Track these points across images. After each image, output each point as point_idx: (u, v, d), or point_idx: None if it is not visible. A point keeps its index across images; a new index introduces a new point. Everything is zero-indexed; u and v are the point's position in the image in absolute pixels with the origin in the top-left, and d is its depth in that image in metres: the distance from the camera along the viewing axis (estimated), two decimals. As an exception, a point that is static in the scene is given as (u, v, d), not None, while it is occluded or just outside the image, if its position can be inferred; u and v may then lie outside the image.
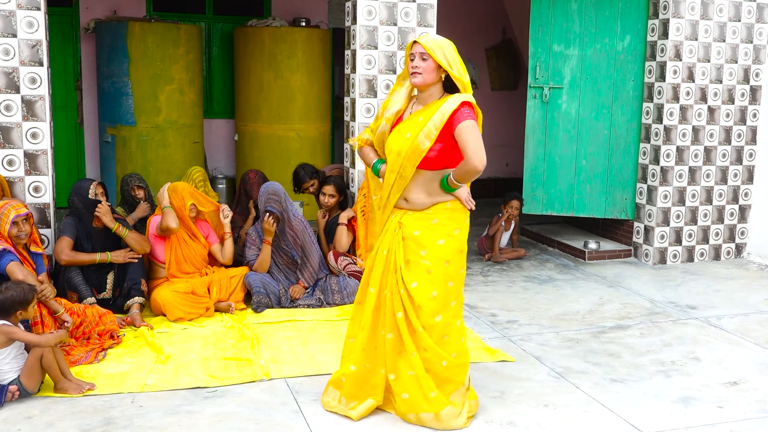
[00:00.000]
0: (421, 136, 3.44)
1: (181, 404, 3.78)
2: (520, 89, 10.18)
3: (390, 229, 3.60)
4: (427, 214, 3.54)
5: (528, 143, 6.99)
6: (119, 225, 5.08)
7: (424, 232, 3.53)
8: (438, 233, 3.53)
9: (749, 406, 3.92)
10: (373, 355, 3.62)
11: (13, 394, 3.70)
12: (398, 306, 3.53)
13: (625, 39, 6.83)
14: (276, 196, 5.37)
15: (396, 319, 3.54)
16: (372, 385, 3.65)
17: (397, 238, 3.56)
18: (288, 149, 8.08)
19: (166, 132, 7.88)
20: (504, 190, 8.27)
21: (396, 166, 3.52)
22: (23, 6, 4.88)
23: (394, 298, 3.54)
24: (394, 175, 3.54)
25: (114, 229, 5.05)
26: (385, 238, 3.60)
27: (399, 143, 3.52)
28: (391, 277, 3.55)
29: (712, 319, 5.33)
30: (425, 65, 3.47)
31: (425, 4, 5.67)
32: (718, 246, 7.08)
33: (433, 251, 3.51)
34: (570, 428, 3.63)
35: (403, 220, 3.56)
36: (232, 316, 5.13)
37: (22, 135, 4.97)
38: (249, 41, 8.15)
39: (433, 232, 3.53)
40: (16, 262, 4.23)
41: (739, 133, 6.98)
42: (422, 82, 3.49)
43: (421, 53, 3.48)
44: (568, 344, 4.77)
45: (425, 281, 3.51)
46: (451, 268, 3.54)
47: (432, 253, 3.51)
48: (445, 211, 3.54)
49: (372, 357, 3.62)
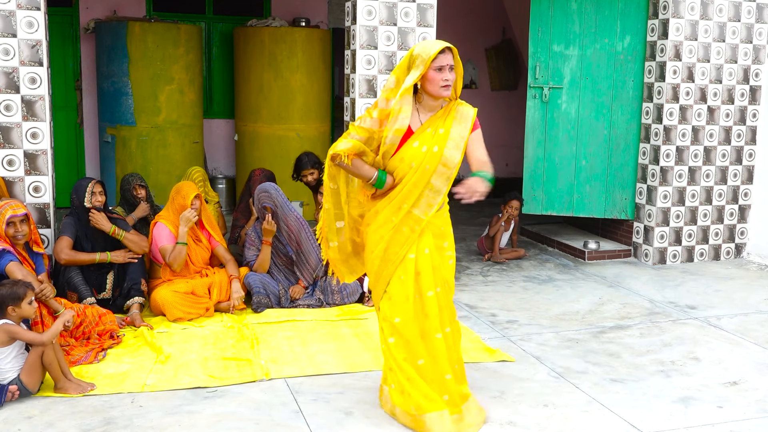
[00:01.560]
0: (451, 149, 3.46)
1: (181, 404, 3.78)
2: (520, 89, 10.19)
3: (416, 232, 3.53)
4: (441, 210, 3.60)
5: (528, 143, 6.99)
6: (115, 228, 5.07)
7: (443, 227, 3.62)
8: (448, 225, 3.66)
9: (749, 406, 3.92)
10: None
11: (13, 394, 3.71)
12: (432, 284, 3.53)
13: (624, 39, 6.83)
14: (266, 193, 5.38)
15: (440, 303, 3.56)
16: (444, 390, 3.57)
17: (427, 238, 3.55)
18: (288, 149, 8.08)
19: (166, 132, 7.88)
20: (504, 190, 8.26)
21: (420, 179, 3.45)
22: (23, 6, 4.88)
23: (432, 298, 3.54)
24: (417, 189, 3.47)
25: (111, 233, 5.05)
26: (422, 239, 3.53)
27: (419, 157, 3.45)
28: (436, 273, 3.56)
29: (712, 319, 5.33)
30: (453, 77, 3.43)
31: (425, 4, 5.67)
32: (717, 246, 7.08)
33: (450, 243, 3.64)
34: (570, 428, 3.63)
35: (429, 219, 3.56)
36: (232, 316, 5.13)
37: (22, 135, 4.98)
38: (249, 41, 8.15)
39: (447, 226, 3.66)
40: (16, 262, 4.23)
41: (738, 133, 6.98)
42: (450, 94, 3.47)
43: (452, 65, 3.41)
44: (568, 344, 4.77)
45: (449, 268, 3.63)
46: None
47: (450, 244, 3.64)
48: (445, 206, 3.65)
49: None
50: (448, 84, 3.40)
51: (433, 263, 3.54)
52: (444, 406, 3.50)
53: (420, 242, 3.53)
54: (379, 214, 3.55)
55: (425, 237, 3.54)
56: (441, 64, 3.37)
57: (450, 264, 3.64)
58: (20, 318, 3.82)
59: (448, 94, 3.44)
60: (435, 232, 3.57)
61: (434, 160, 3.44)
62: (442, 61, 3.37)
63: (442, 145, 3.44)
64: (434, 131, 3.48)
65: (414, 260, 3.51)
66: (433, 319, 3.53)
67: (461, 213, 9.27)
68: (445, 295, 3.59)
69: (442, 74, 3.38)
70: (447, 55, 3.39)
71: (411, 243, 3.52)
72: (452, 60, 3.40)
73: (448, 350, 3.59)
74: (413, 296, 3.51)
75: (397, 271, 3.52)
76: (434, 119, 3.50)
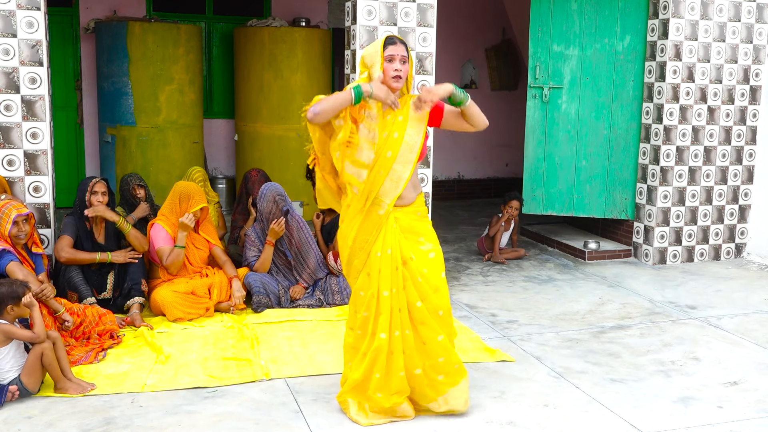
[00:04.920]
0: (411, 135, 3.45)
1: (181, 404, 3.78)
2: (520, 89, 10.18)
3: (388, 229, 3.56)
4: (413, 207, 3.62)
5: (528, 143, 6.99)
6: (122, 219, 5.09)
7: (416, 223, 3.62)
8: (425, 221, 3.66)
9: (749, 406, 3.92)
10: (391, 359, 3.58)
11: (13, 394, 3.71)
12: (415, 297, 3.53)
13: (625, 39, 6.83)
14: (282, 196, 5.38)
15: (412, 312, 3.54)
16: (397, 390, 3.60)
17: (396, 234, 3.55)
18: (288, 149, 8.08)
19: (166, 132, 7.88)
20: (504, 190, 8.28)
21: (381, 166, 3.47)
22: (23, 6, 4.88)
23: (399, 295, 3.53)
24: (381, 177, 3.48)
25: (118, 224, 5.05)
26: (387, 238, 3.56)
27: (388, 145, 3.47)
28: (398, 274, 3.53)
29: (712, 319, 5.33)
30: (405, 68, 3.44)
31: (425, 4, 5.67)
32: (718, 246, 7.08)
33: (428, 236, 3.63)
34: (570, 428, 3.63)
35: (397, 216, 3.57)
36: (232, 316, 5.13)
37: (22, 135, 4.98)
38: (249, 41, 8.15)
39: (421, 222, 3.65)
40: (16, 262, 4.23)
41: (739, 133, 6.98)
42: (401, 86, 3.46)
43: (404, 57, 3.43)
44: (568, 344, 4.77)
45: (432, 265, 3.58)
46: (438, 249, 3.65)
47: (428, 238, 3.62)
48: (422, 204, 3.66)
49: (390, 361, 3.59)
50: (398, 74, 3.41)
51: (394, 263, 3.52)
52: (398, 400, 3.58)
53: (386, 240, 3.53)
54: (350, 207, 3.59)
55: (391, 234, 3.53)
56: (390, 54, 3.41)
57: (432, 259, 3.59)
58: (16, 317, 3.81)
59: (399, 85, 3.44)
60: (404, 226, 3.57)
61: (395, 146, 3.45)
62: (390, 51, 3.41)
63: (402, 131, 3.45)
64: (393, 118, 3.48)
65: (379, 258, 3.53)
66: (384, 319, 3.53)
67: (461, 213, 9.28)
68: (398, 296, 3.52)
69: (392, 64, 3.41)
70: (397, 46, 3.42)
71: (378, 232, 3.53)
72: (404, 51, 3.41)
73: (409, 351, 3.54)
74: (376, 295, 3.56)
75: (364, 267, 3.57)
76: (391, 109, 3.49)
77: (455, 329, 3.75)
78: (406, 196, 3.59)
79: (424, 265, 3.57)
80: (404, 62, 3.43)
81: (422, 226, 3.64)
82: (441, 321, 3.60)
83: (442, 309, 3.60)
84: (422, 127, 3.52)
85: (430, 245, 3.61)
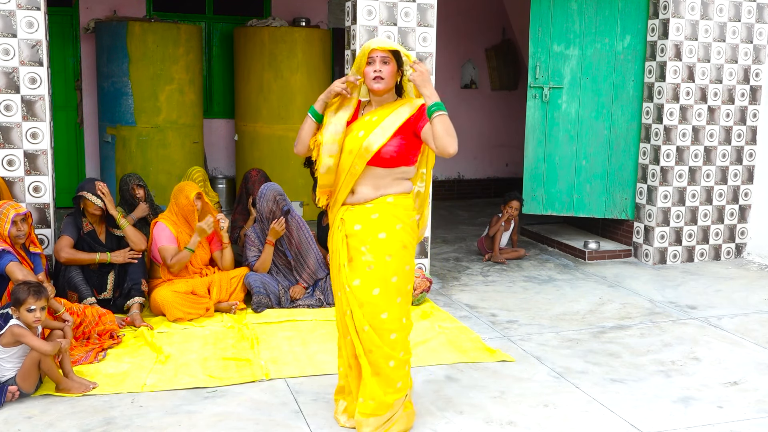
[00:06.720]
0: (377, 135, 3.32)
1: (181, 404, 3.78)
2: (520, 89, 10.18)
3: (335, 228, 3.47)
4: (368, 208, 3.38)
5: (528, 143, 6.99)
6: (122, 214, 5.11)
7: (365, 227, 3.37)
8: (378, 227, 3.35)
9: (749, 406, 3.92)
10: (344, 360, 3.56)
11: (13, 394, 3.70)
12: (346, 305, 3.41)
13: (625, 39, 6.83)
14: (282, 196, 5.39)
15: (348, 319, 3.42)
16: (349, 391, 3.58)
17: (340, 235, 3.43)
18: (288, 149, 8.07)
19: (166, 132, 7.88)
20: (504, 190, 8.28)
21: (347, 165, 3.38)
22: (23, 6, 4.88)
23: (342, 299, 3.43)
24: (342, 175, 3.40)
25: (117, 219, 5.06)
26: (333, 238, 3.49)
27: (351, 142, 3.38)
28: (339, 277, 3.44)
29: (712, 319, 5.33)
30: (387, 69, 3.33)
31: (425, 4, 5.67)
32: (718, 246, 7.08)
33: (374, 246, 3.34)
34: (570, 428, 3.63)
35: (345, 217, 3.43)
36: (232, 316, 5.13)
37: (22, 135, 4.98)
38: (249, 41, 8.15)
39: (374, 227, 3.36)
40: (16, 262, 4.23)
41: (739, 133, 6.98)
42: (384, 87, 3.35)
43: (383, 57, 3.32)
44: (568, 344, 4.77)
45: (367, 278, 3.34)
46: (394, 263, 3.34)
47: (373, 248, 3.34)
48: (387, 205, 3.38)
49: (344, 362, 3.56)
50: (377, 75, 3.32)
51: (336, 265, 3.45)
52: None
53: (332, 240, 3.47)
54: (330, 211, 3.56)
55: (339, 233, 3.43)
56: (371, 56, 3.33)
57: (369, 271, 3.32)
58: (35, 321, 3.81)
59: (380, 86, 3.34)
60: (348, 231, 3.39)
61: (357, 144, 3.35)
62: (372, 53, 3.33)
63: (369, 131, 3.35)
64: (370, 118, 3.40)
65: (331, 258, 3.51)
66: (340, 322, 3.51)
67: (461, 213, 9.28)
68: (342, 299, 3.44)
69: (372, 66, 3.34)
70: (376, 50, 3.33)
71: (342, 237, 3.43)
72: (382, 52, 3.31)
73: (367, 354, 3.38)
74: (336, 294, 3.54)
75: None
76: (378, 110, 3.42)
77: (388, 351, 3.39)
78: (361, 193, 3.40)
79: (357, 275, 3.35)
80: (385, 63, 3.33)
81: (372, 231, 3.36)
82: (365, 337, 3.36)
83: (369, 325, 3.34)
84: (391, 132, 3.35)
85: (370, 257, 3.33)
